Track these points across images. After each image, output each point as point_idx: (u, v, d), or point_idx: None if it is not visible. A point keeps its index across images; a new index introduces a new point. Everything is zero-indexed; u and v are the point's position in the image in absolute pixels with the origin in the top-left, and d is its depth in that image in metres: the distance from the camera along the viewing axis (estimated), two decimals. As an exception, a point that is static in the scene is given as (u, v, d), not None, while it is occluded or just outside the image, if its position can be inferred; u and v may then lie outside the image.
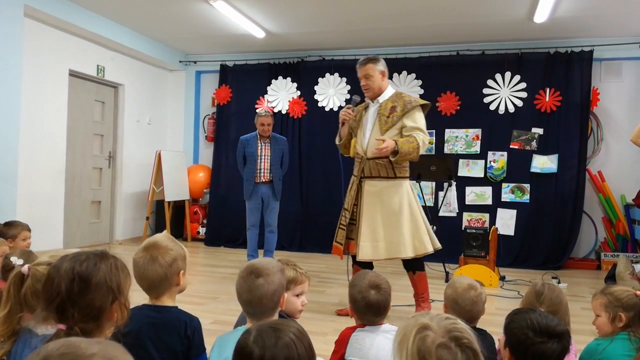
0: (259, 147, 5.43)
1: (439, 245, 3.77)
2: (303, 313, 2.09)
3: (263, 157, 5.43)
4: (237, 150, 5.57)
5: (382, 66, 3.84)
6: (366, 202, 3.69)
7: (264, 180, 5.43)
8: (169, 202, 7.05)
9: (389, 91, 3.86)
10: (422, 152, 3.63)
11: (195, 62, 7.92)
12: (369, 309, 1.93)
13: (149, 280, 1.75)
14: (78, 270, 1.22)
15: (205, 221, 7.57)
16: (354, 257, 3.81)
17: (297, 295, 2.02)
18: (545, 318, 1.50)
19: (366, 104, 3.92)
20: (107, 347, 0.89)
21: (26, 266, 1.42)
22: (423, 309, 3.65)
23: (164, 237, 1.84)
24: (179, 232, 7.56)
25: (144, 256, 1.76)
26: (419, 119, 3.70)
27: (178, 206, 7.48)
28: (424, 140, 3.63)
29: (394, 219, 3.65)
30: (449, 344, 1.00)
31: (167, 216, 7.05)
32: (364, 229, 3.65)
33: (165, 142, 7.99)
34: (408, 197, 3.73)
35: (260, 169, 5.42)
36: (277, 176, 5.47)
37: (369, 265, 3.72)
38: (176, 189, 7.17)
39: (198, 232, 7.56)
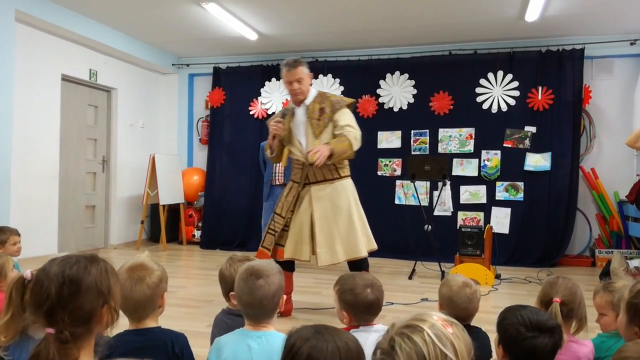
0: None
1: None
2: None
3: None
4: (259, 156, 6.02)
5: (307, 68, 3.73)
6: (317, 207, 3.65)
7: (278, 183, 5.76)
8: (163, 206, 7.03)
9: (312, 92, 3.75)
10: (356, 147, 3.61)
11: (188, 65, 7.91)
12: (367, 308, 1.93)
13: (134, 301, 1.68)
14: (68, 274, 1.20)
15: (200, 224, 7.56)
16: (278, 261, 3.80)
17: None
18: (535, 313, 1.52)
19: (292, 110, 3.80)
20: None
21: (28, 271, 1.40)
22: None
23: (147, 258, 1.80)
24: (174, 236, 7.55)
25: (129, 277, 1.70)
26: (347, 116, 3.67)
27: (173, 209, 7.46)
28: (356, 136, 3.61)
29: (347, 219, 3.63)
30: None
31: (162, 220, 7.03)
32: (319, 235, 3.62)
33: (159, 145, 7.98)
34: (354, 195, 3.73)
35: (275, 172, 5.79)
36: None
37: (291, 267, 3.76)
38: (171, 193, 7.16)
39: (193, 236, 7.54)
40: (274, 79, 7.33)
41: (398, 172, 6.80)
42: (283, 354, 1.22)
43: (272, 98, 7.33)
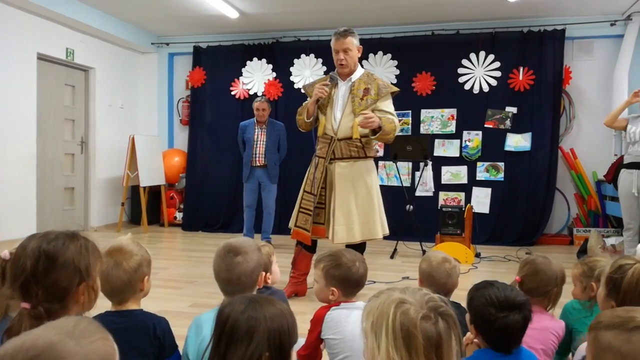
0: (256, 133, 5.80)
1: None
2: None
3: (259, 142, 5.78)
4: (238, 136, 5.96)
5: (358, 41, 3.64)
6: (339, 184, 3.58)
7: (258, 164, 5.77)
8: (144, 188, 6.96)
9: (359, 69, 3.72)
10: (394, 135, 3.66)
11: (167, 44, 7.78)
12: (358, 282, 1.97)
13: (112, 285, 1.68)
14: (45, 249, 1.19)
15: (182, 206, 7.50)
16: (300, 242, 3.72)
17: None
18: (503, 291, 1.52)
19: (336, 80, 3.72)
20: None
21: (6, 251, 1.38)
22: None
23: (128, 241, 1.77)
24: (155, 218, 7.49)
25: (107, 261, 1.67)
26: (390, 105, 3.68)
27: (154, 191, 7.38)
28: (397, 125, 3.66)
29: (368, 200, 3.60)
30: (429, 315, 1.02)
31: (142, 202, 6.97)
32: (338, 212, 3.55)
33: (139, 126, 7.86)
34: (376, 176, 3.74)
35: (255, 154, 5.77)
36: (273, 160, 5.80)
37: (312, 248, 3.71)
38: (151, 174, 7.08)
39: (175, 217, 7.49)
40: (255, 59, 7.24)
41: (380, 153, 6.80)
42: (216, 328, 1.18)
43: (253, 78, 7.25)
